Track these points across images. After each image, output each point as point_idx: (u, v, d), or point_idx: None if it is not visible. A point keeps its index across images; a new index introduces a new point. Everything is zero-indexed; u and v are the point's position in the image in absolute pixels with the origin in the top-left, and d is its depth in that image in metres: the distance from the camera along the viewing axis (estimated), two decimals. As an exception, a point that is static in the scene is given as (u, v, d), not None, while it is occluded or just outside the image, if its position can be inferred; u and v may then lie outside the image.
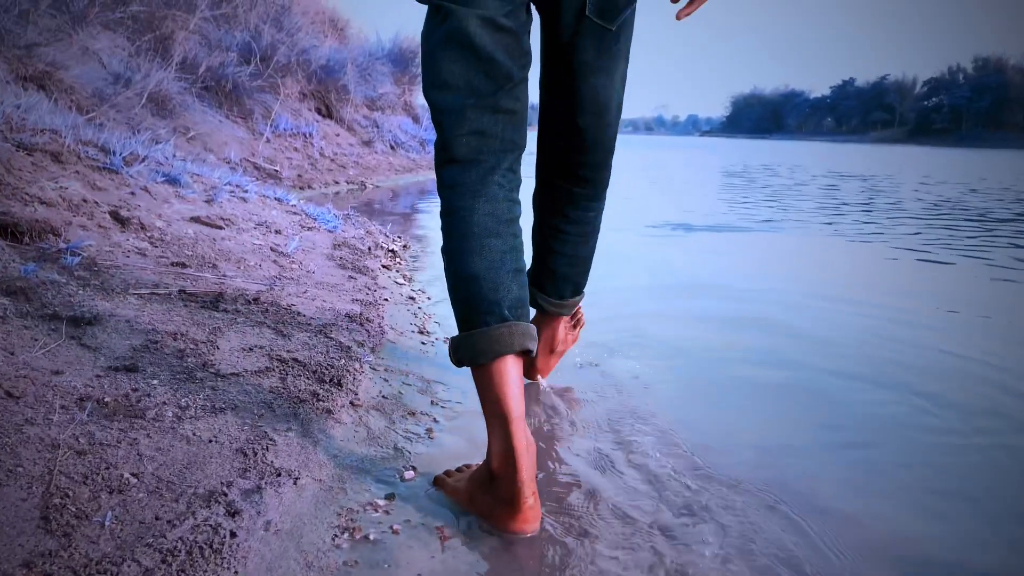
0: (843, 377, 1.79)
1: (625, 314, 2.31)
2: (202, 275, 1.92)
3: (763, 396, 1.66)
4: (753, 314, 2.38)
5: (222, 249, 2.15)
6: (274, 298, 1.81)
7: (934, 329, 2.28)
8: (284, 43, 7.36)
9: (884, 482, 1.25)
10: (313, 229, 2.86)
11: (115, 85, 4.78)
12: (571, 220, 1.45)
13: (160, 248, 2.06)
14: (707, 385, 1.72)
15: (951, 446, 1.41)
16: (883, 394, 1.69)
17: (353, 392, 1.35)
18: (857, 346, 2.07)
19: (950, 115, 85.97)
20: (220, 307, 1.68)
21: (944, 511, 1.16)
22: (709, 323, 2.27)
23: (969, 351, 2.02)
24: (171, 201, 2.47)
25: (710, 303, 2.54)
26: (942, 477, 1.28)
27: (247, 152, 5.81)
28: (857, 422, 1.52)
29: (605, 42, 1.24)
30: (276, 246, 2.35)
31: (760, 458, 1.30)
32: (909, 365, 1.89)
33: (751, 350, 1.99)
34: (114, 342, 1.37)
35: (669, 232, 4.35)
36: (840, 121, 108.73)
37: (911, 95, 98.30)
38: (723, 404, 1.60)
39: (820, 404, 1.62)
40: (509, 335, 1.03)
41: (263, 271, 2.08)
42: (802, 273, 3.29)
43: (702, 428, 1.43)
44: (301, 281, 2.08)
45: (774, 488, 1.17)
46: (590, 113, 1.32)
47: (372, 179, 7.03)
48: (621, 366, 1.78)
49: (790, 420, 1.53)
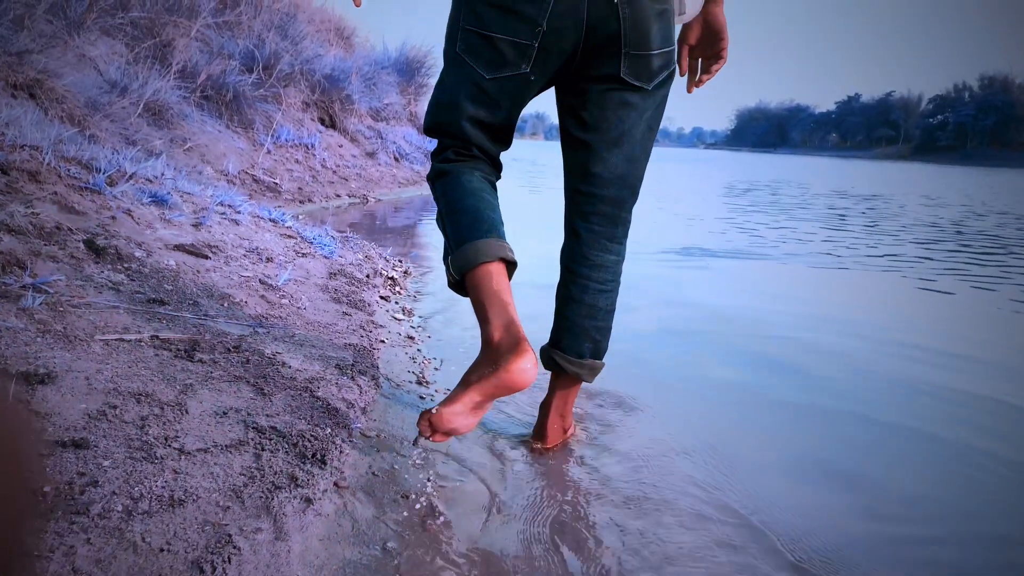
0: (898, 435, 1.61)
1: (641, 359, 2.13)
2: (180, 315, 1.75)
3: (833, 483, 1.49)
4: (785, 359, 2.21)
5: (205, 283, 1.98)
6: (257, 344, 1.64)
7: (988, 375, 2.11)
8: (288, 51, 7.22)
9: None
10: (308, 255, 2.69)
11: (110, 94, 4.62)
12: (591, 264, 1.43)
13: (137, 282, 1.89)
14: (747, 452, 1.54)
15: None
16: (945, 449, 1.51)
17: (338, 471, 1.18)
18: (910, 396, 1.89)
19: (955, 133, 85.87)
20: (195, 357, 1.51)
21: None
22: (739, 370, 2.10)
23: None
24: (155, 226, 2.30)
25: (735, 345, 2.37)
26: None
27: (247, 164, 5.66)
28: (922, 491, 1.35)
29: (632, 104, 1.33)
30: (266, 278, 2.18)
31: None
32: (965, 419, 1.72)
33: (789, 406, 1.81)
34: (67, 406, 1.20)
35: (682, 259, 4.18)
36: (845, 136, 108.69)
37: (916, 112, 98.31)
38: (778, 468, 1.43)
39: (888, 479, 1.44)
40: (497, 246, 1.25)
41: (249, 309, 1.91)
42: (830, 309, 3.11)
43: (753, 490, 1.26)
44: (290, 321, 1.90)
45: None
46: (607, 158, 1.38)
47: (374, 192, 6.88)
48: (645, 432, 1.61)
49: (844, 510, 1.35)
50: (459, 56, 1.30)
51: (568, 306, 1.45)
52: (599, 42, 1.24)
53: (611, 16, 1.21)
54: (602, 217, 1.40)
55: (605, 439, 1.55)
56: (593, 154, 1.35)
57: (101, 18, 5.24)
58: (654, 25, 1.25)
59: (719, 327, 2.66)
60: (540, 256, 2.04)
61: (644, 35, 1.25)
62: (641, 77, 1.28)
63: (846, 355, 2.35)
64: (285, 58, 6.97)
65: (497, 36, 1.24)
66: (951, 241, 5.86)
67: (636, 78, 1.27)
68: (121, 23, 5.50)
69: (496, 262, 1.24)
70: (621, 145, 1.34)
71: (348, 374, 1.57)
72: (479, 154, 1.35)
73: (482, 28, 1.25)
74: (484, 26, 1.24)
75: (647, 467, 1.42)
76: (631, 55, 1.25)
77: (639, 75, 1.27)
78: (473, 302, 1.26)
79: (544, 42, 1.23)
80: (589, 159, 1.36)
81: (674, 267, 3.90)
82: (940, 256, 4.86)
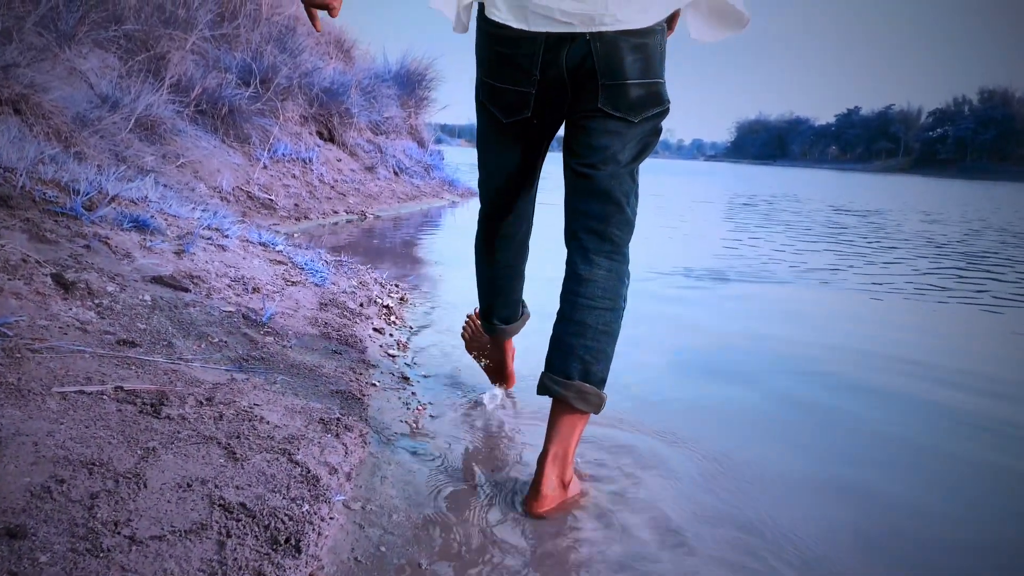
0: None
1: (656, 400, 1.99)
2: (151, 359, 1.60)
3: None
4: (829, 401, 2.05)
5: (183, 320, 1.83)
6: (234, 394, 1.49)
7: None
8: (286, 64, 7.11)
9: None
10: (298, 283, 2.55)
11: (100, 108, 4.49)
12: (580, 278, 1.42)
13: (108, 320, 1.74)
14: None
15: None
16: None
17: (315, 558, 1.03)
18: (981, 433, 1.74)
19: (955, 146, 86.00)
20: (162, 412, 1.36)
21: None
22: (773, 413, 1.94)
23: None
24: (133, 255, 2.16)
25: (764, 383, 2.22)
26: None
27: (242, 180, 5.53)
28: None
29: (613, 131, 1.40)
30: (250, 312, 2.04)
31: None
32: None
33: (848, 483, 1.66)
34: (8, 482, 1.05)
35: (692, 283, 4.03)
36: (844, 149, 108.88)
37: (916, 125, 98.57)
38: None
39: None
40: (512, 330, 1.85)
41: (229, 350, 1.76)
42: (864, 339, 2.96)
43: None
44: (273, 362, 1.76)
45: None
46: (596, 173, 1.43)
47: (373, 208, 6.75)
48: (665, 494, 1.46)
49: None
50: (483, 104, 1.50)
51: (558, 324, 1.44)
52: (582, 79, 1.35)
53: (587, 54, 1.32)
54: (589, 232, 1.43)
55: (617, 505, 1.40)
56: (580, 174, 1.42)
57: (93, 31, 5.12)
58: (628, 57, 1.33)
59: (742, 360, 2.51)
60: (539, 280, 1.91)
61: (617, 66, 1.33)
62: (620, 107, 1.35)
63: (898, 394, 2.21)
64: (283, 71, 6.86)
65: (503, 87, 1.41)
66: (959, 258, 5.73)
67: (615, 108, 1.35)
68: (115, 36, 5.38)
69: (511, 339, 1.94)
70: (606, 165, 1.39)
71: (333, 430, 1.42)
72: (512, 217, 1.66)
73: (493, 80, 1.43)
74: (494, 78, 1.43)
75: (674, 541, 1.27)
76: (606, 86, 1.34)
77: (617, 105, 1.35)
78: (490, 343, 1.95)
79: (540, 89, 1.38)
80: (577, 179, 1.43)
81: (684, 291, 3.76)
82: (956, 275, 4.72)
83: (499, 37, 1.37)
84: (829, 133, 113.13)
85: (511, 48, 1.36)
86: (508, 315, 1.81)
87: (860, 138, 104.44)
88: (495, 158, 1.56)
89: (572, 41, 1.32)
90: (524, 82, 1.38)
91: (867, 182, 31.44)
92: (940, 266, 5.34)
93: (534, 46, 1.34)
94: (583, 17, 1.30)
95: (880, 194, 18.60)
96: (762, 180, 25.70)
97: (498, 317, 1.82)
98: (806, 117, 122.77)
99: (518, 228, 1.70)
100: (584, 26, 1.30)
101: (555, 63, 1.34)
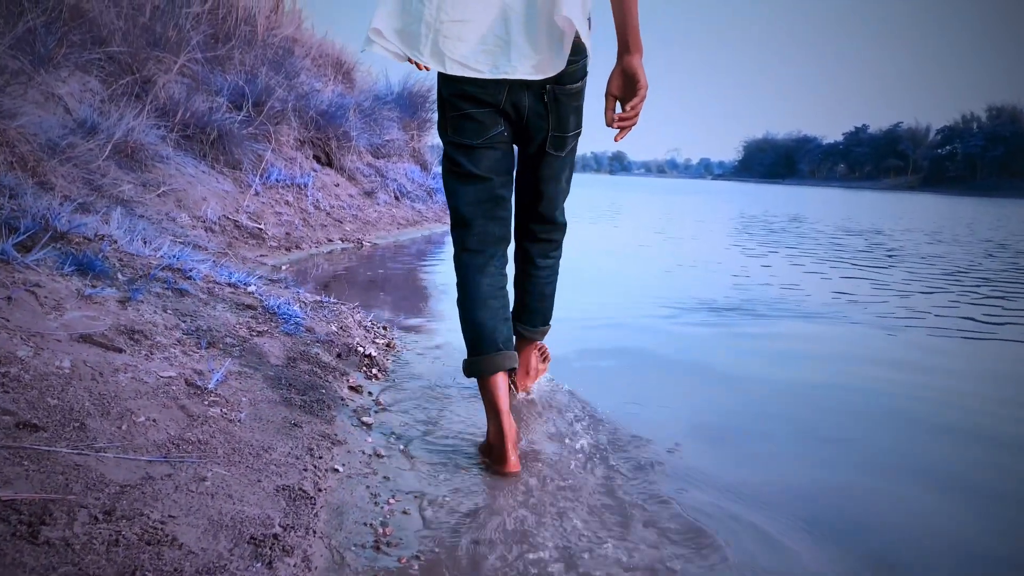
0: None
1: (712, 466, 1.64)
2: (54, 449, 1.28)
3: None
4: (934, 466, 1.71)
5: (105, 393, 1.51)
6: (144, 502, 1.16)
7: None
8: (281, 86, 6.86)
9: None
10: (265, 333, 2.23)
11: (76, 134, 4.22)
12: (538, 267, 2.05)
13: (12, 394, 1.43)
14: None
15: None
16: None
17: None
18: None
19: (964, 163, 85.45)
20: (41, 535, 1.03)
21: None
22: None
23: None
24: (64, 307, 1.85)
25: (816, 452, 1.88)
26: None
27: (230, 208, 5.24)
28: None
29: (557, 162, 1.85)
30: (194, 377, 1.71)
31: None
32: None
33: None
34: None
35: (703, 318, 3.69)
36: (853, 167, 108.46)
37: (925, 143, 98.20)
38: None
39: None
40: (501, 360, 1.73)
41: (156, 431, 1.44)
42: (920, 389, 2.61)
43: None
44: (211, 446, 1.43)
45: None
46: (546, 202, 1.94)
47: (371, 235, 6.45)
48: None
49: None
50: (452, 140, 1.75)
51: (525, 297, 2.08)
52: (534, 124, 1.74)
53: (543, 110, 1.72)
54: (543, 242, 2.03)
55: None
56: (531, 196, 1.93)
57: (74, 52, 4.87)
58: (571, 117, 1.77)
59: (794, 414, 2.18)
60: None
61: (564, 123, 1.77)
62: (559, 149, 1.81)
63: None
64: (277, 93, 6.61)
65: (475, 112, 1.69)
66: (994, 286, 5.36)
67: (556, 150, 1.81)
68: (97, 58, 5.13)
69: (500, 373, 1.72)
70: (548, 187, 1.90)
71: (266, 555, 1.09)
72: (490, 241, 1.81)
73: (462, 112, 1.70)
74: (463, 111, 1.70)
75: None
76: (554, 136, 1.77)
77: (557, 148, 1.81)
78: (482, 397, 1.74)
79: (503, 114, 1.71)
80: (529, 199, 1.94)
81: (714, 331, 3.42)
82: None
83: (465, 83, 1.66)
84: (837, 151, 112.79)
85: (478, 89, 1.67)
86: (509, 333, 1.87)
87: (868, 156, 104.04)
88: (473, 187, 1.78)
89: (527, 88, 1.68)
90: (492, 108, 1.69)
91: (878, 201, 31.04)
92: (983, 296, 4.99)
93: (499, 87, 1.66)
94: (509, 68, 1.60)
95: (903, 215, 18.22)
96: (773, 200, 25.37)
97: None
98: (814, 135, 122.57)
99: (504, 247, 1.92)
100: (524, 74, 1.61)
101: (514, 104, 1.69)
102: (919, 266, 6.63)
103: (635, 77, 1.58)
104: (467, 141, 1.70)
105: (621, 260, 6.58)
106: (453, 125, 1.71)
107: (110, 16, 5.57)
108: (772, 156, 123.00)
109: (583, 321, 3.30)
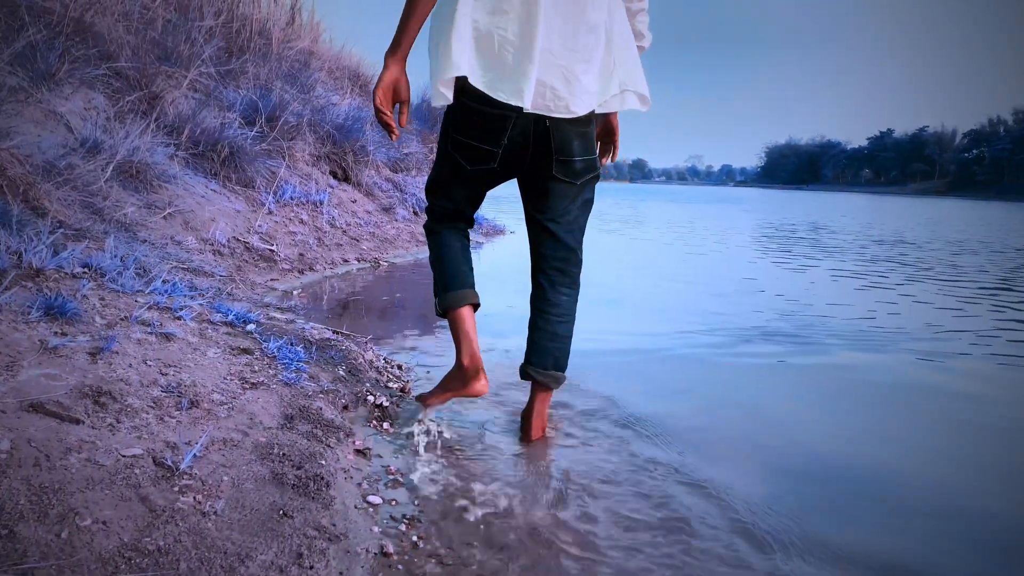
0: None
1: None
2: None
3: None
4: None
5: (47, 485, 1.22)
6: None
7: None
8: (296, 100, 6.64)
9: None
10: (261, 386, 1.93)
11: (76, 154, 3.99)
12: (551, 303, 2.03)
13: (-71, 490, 1.14)
14: None
15: None
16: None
17: None
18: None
19: (992, 167, 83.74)
20: None
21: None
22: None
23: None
24: (21, 363, 1.57)
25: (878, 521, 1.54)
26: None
27: (241, 228, 4.99)
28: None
29: (572, 190, 1.96)
30: (165, 453, 1.42)
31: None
32: None
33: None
34: None
35: (727, 346, 3.35)
36: (879, 172, 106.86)
37: (951, 147, 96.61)
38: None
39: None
40: (465, 295, 1.98)
41: (105, 538, 1.14)
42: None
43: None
44: (174, 553, 1.13)
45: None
46: (561, 229, 2.02)
47: (389, 254, 6.18)
48: None
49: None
50: (450, 153, 1.95)
51: (536, 334, 2.03)
52: (541, 152, 1.87)
53: (547, 137, 1.84)
54: (556, 271, 2.02)
55: None
56: (545, 229, 1.99)
57: (79, 68, 4.66)
58: (575, 141, 1.88)
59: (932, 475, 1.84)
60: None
61: (568, 147, 1.87)
62: (568, 175, 1.91)
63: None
64: (292, 107, 6.38)
65: (476, 144, 1.87)
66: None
67: (564, 175, 1.91)
68: (104, 74, 4.92)
69: (467, 307, 1.98)
70: (562, 220, 1.98)
71: None
72: (459, 217, 2.06)
73: (466, 138, 1.88)
74: (467, 137, 1.88)
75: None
76: (560, 160, 1.88)
77: (566, 173, 1.91)
78: (451, 331, 1.98)
79: (505, 151, 1.87)
80: (543, 232, 2.00)
81: (770, 371, 3.08)
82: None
83: (480, 103, 1.80)
84: (862, 156, 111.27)
85: (487, 115, 1.81)
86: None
87: (894, 161, 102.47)
88: (454, 190, 2.03)
89: (537, 121, 1.82)
90: (494, 144, 1.85)
91: (907, 207, 30.29)
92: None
93: (506, 117, 1.81)
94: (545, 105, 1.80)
95: (943, 221, 17.62)
96: (801, 207, 24.79)
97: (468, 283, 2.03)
98: (838, 140, 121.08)
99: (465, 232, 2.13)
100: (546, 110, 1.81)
101: (520, 137, 1.83)
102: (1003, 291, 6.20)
103: (611, 129, 2.14)
104: (475, 143, 1.87)
105: (654, 279, 6.24)
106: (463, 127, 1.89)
107: (118, 31, 5.37)
108: (795, 162, 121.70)
109: (626, 352, 2.98)
